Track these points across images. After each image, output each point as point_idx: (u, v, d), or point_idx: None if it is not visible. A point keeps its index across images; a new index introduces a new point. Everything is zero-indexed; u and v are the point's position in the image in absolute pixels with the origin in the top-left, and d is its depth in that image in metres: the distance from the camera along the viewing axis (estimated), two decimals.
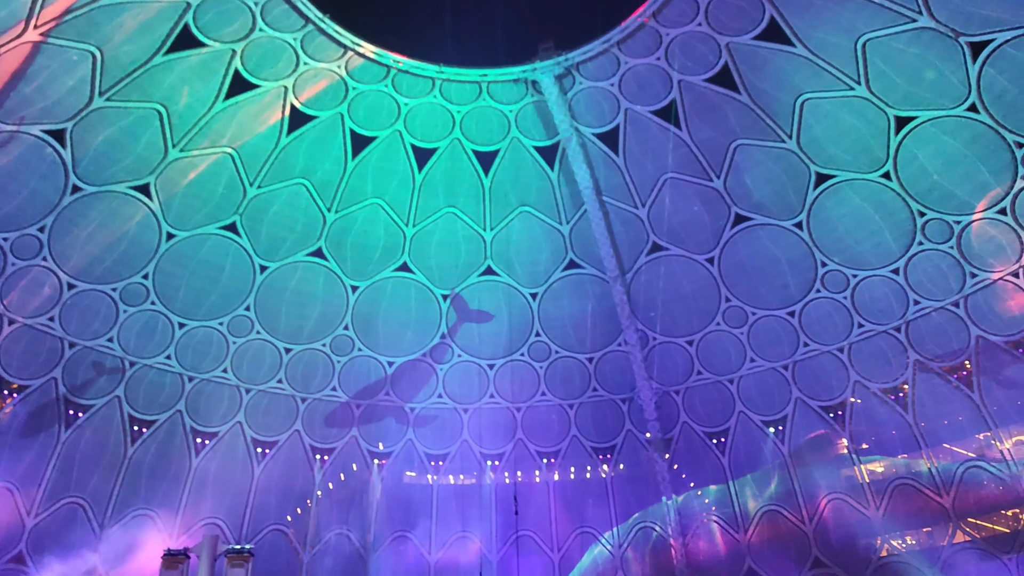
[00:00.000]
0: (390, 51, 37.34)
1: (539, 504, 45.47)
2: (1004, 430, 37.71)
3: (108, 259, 37.32)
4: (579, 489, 46.15)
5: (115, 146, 35.49)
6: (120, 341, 38.27)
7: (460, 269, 43.68)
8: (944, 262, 36.92)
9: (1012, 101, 31.56)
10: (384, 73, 38.29)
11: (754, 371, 43.24)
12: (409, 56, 37.67)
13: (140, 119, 35.51)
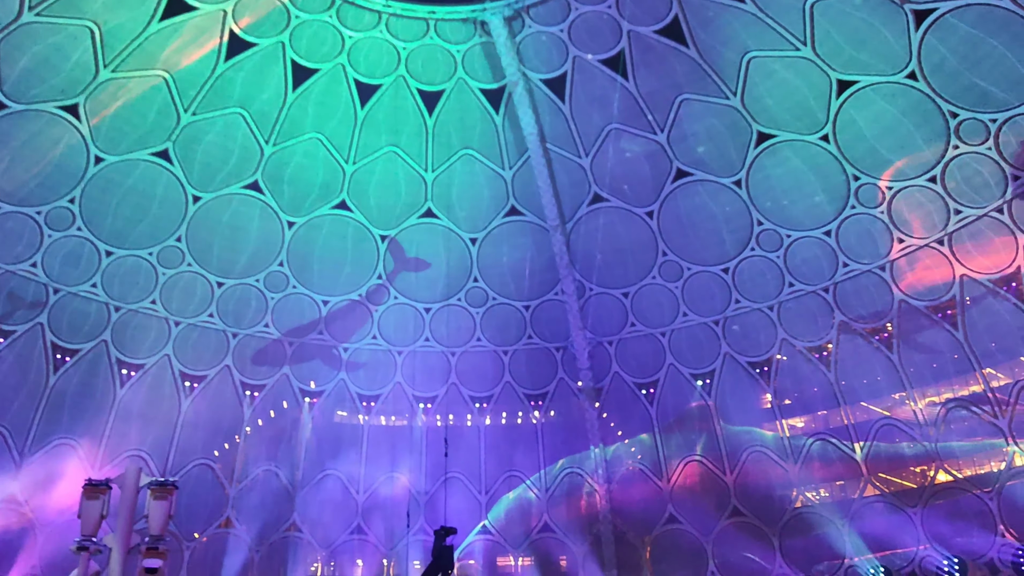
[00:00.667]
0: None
1: (469, 447, 45.95)
2: (918, 391, 39.27)
3: (33, 181, 35.91)
4: (509, 434, 46.76)
5: (44, 64, 33.90)
6: (44, 267, 37.05)
7: (400, 210, 43.17)
8: (874, 227, 37.86)
9: (950, 71, 32.16)
10: (328, 3, 37.13)
11: (686, 325, 44.03)
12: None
13: (71, 37, 33.90)
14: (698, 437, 44.79)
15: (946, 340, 37.85)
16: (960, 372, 37.96)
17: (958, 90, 32.43)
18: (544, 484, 46.05)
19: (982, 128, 32.70)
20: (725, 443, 44.11)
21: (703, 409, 44.45)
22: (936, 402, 38.96)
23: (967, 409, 37.85)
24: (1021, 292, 35.16)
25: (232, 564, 40.41)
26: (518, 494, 45.91)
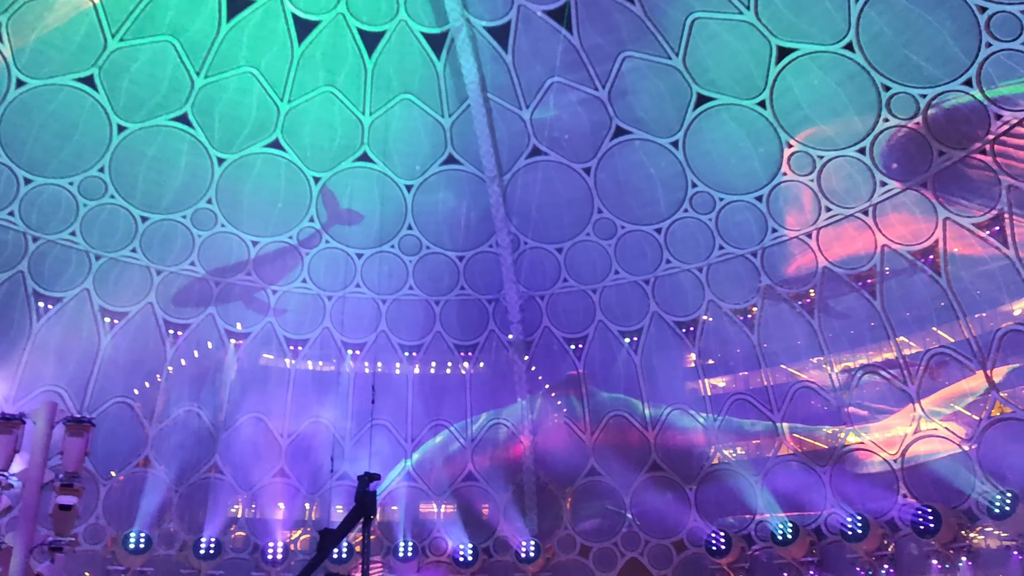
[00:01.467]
0: None
1: (397, 396, 46.01)
2: (835, 356, 40.66)
3: None
4: (438, 384, 46.92)
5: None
6: None
7: (335, 152, 42.27)
8: (804, 194, 38.63)
9: (886, 44, 32.71)
10: None
11: (617, 283, 44.54)
12: None
13: None
14: (623, 393, 45.68)
15: (864, 308, 39.14)
16: (875, 340, 39.38)
17: (892, 64, 33.05)
18: (470, 434, 46.47)
19: (912, 103, 33.46)
20: (648, 400, 45.11)
21: (629, 366, 45.27)
22: (851, 367, 40.41)
23: (879, 375, 39.39)
24: (937, 265, 36.44)
25: (150, 504, 39.87)
26: (443, 443, 46.28)
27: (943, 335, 37.45)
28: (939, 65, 31.90)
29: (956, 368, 36.92)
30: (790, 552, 39.46)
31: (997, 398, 35.61)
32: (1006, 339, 34.98)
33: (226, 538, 41.61)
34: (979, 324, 36.07)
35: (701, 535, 41.92)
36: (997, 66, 30.73)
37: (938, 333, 37.68)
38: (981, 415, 36.10)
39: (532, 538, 43.36)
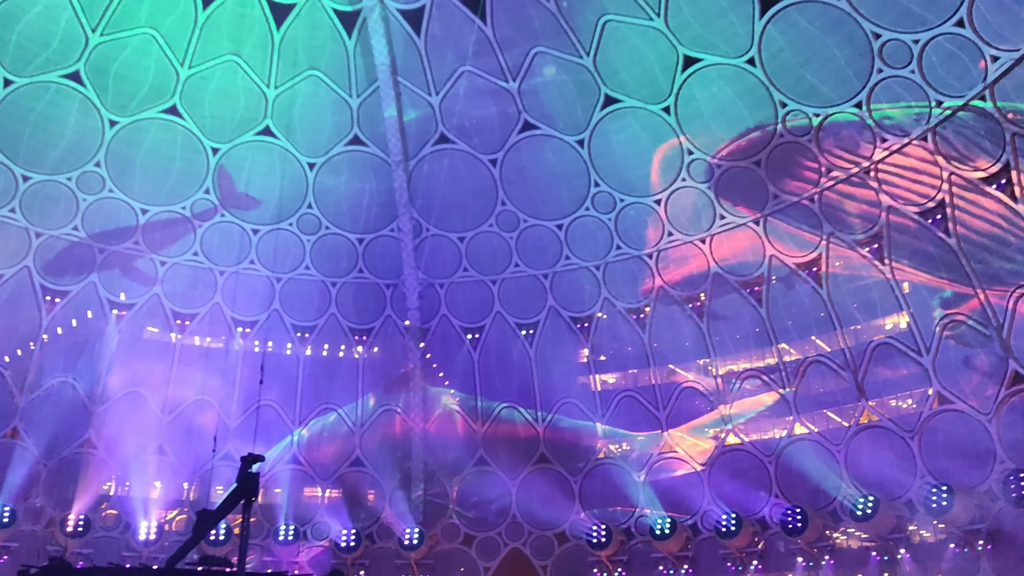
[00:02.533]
0: None
1: (286, 377, 45.17)
2: (720, 358, 42.09)
3: None
4: (330, 367, 46.25)
5: None
6: None
7: (236, 124, 40.95)
8: (701, 200, 39.75)
9: (786, 62, 33.90)
10: None
11: (516, 275, 44.86)
12: None
13: None
14: (516, 385, 46.08)
15: (751, 314, 40.63)
16: (759, 345, 40.98)
17: (790, 81, 34.29)
18: (360, 419, 46.03)
19: (805, 120, 34.82)
20: (540, 393, 45.68)
21: (523, 358, 45.70)
22: (735, 371, 41.92)
23: (760, 379, 41.01)
24: (819, 277, 38.11)
25: (16, 477, 37.98)
26: (332, 427, 45.68)
27: (821, 344, 39.26)
28: (833, 86, 33.27)
29: (830, 376, 38.78)
30: (667, 547, 40.68)
31: (866, 406, 37.59)
32: (877, 351, 36.93)
33: (96, 516, 40.03)
34: (854, 335, 37.96)
35: (583, 528, 42.73)
36: (886, 91, 32.27)
37: (816, 342, 39.48)
38: (850, 422, 38.06)
39: (416, 526, 43.31)
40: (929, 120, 31.56)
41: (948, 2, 28.80)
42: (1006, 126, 29.73)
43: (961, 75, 29.90)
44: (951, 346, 34.52)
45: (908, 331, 35.80)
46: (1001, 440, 32.71)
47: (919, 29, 29.93)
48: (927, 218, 33.68)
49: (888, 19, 30.46)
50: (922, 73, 30.71)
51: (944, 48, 29.72)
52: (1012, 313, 31.93)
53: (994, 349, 32.81)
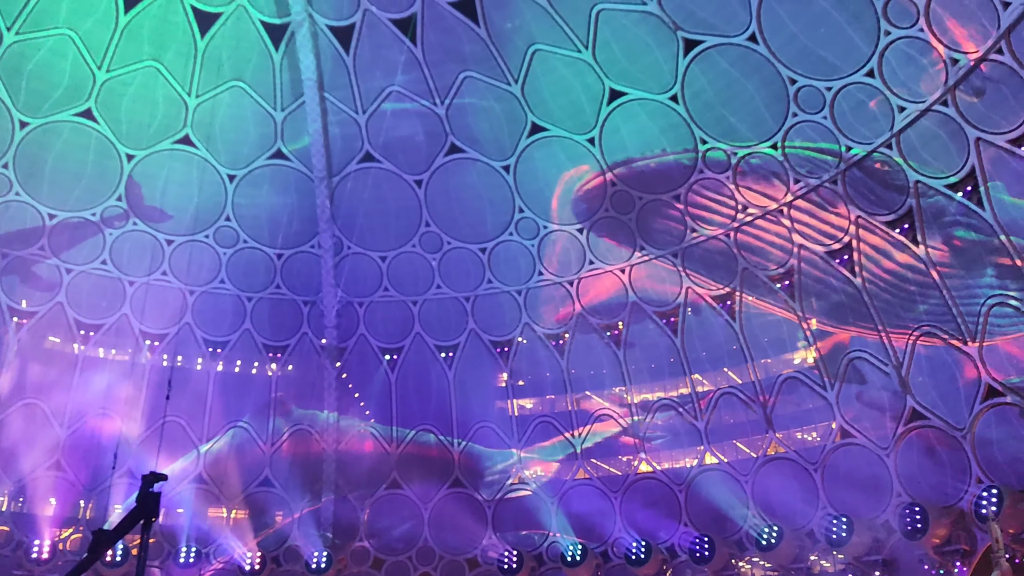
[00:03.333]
0: None
1: (196, 392, 43.92)
2: (636, 386, 42.70)
3: None
4: (242, 384, 45.18)
5: None
6: None
7: (154, 131, 39.85)
8: (621, 231, 40.38)
9: (707, 100, 34.85)
10: None
11: (438, 297, 44.73)
12: None
13: None
14: (433, 407, 45.80)
15: (666, 345, 41.39)
16: (673, 375, 41.74)
17: (710, 119, 35.24)
18: (271, 438, 45.02)
19: (724, 158, 35.83)
20: (458, 416, 45.51)
21: (441, 381, 45.47)
22: (649, 400, 42.58)
23: (674, 409, 41.73)
24: (733, 311, 39.11)
25: None
26: (240, 445, 44.50)
27: (732, 376, 40.22)
28: (751, 127, 34.35)
29: (740, 407, 39.74)
30: (577, 573, 40.82)
31: (773, 438, 38.62)
32: (785, 384, 38.05)
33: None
34: (764, 368, 39.03)
35: (494, 553, 42.55)
36: (800, 134, 33.47)
37: (728, 374, 40.43)
38: (758, 453, 39.04)
39: (325, 549, 42.40)
40: (839, 164, 32.83)
41: (860, 53, 30.06)
42: (909, 173, 31.14)
43: (870, 123, 31.22)
44: (855, 381, 35.81)
45: (815, 366, 37.01)
46: (898, 474, 34.06)
47: (832, 77, 31.18)
48: (835, 258, 34.96)
49: (804, 66, 31.64)
50: (833, 119, 31.97)
51: (855, 96, 31.01)
52: (911, 353, 33.32)
53: (893, 387, 34.16)
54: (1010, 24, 25.71)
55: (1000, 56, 26.56)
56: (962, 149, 29.05)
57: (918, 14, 27.64)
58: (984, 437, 31.46)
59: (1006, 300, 29.84)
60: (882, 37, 29.10)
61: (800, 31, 31.04)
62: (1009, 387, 30.52)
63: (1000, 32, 26.07)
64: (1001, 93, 27.50)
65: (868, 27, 29.20)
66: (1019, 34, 25.81)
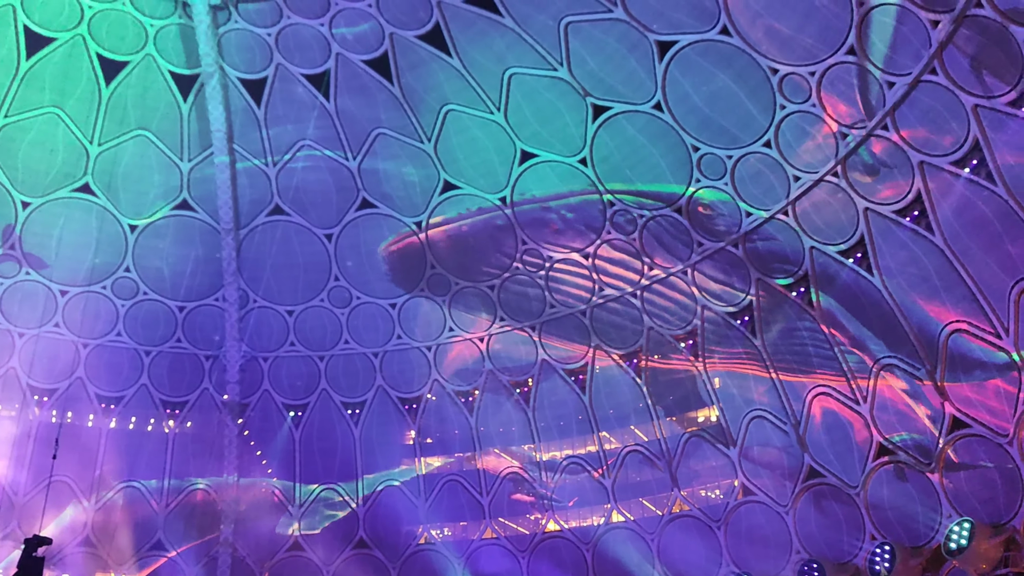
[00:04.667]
0: None
1: (86, 450, 41.94)
2: (545, 444, 42.80)
3: None
4: (136, 441, 43.37)
5: None
6: None
7: (52, 178, 38.47)
8: (531, 290, 40.78)
9: (614, 165, 35.77)
10: None
11: (345, 352, 44.10)
12: None
13: None
14: (338, 465, 44.84)
15: (574, 402, 41.75)
16: (581, 433, 42.03)
17: (618, 183, 36.19)
18: (165, 498, 43.16)
19: (632, 220, 36.81)
20: (362, 474, 44.64)
21: (347, 438, 44.62)
22: (557, 457, 42.71)
23: (581, 467, 41.94)
24: (639, 368, 39.82)
25: None
26: (133, 506, 42.47)
27: (639, 433, 40.78)
28: (656, 192, 35.47)
29: (647, 465, 40.23)
30: None
31: (678, 496, 39.18)
32: (689, 443, 38.78)
33: None
34: (669, 426, 39.72)
35: None
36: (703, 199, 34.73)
37: (635, 431, 40.97)
38: (663, 511, 39.49)
39: None
40: (740, 229, 34.14)
41: (758, 124, 31.55)
42: (804, 239, 32.64)
43: (767, 191, 32.68)
44: (755, 440, 36.79)
45: (718, 424, 37.89)
46: (797, 531, 34.98)
47: (732, 146, 32.59)
48: (736, 319, 36.13)
49: (706, 135, 32.97)
50: (734, 186, 33.33)
51: (754, 166, 32.45)
52: (808, 412, 34.52)
53: (791, 445, 35.24)
54: (895, 103, 27.48)
55: (886, 132, 28.31)
56: (852, 218, 30.68)
57: (811, 91, 29.27)
58: (877, 495, 32.71)
59: (895, 363, 31.30)
60: (778, 111, 30.66)
61: (702, 102, 32.38)
62: (897, 445, 31.89)
63: (885, 110, 27.84)
64: (887, 167, 29.27)
65: (765, 101, 30.72)
66: (903, 112, 27.59)
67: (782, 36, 29.02)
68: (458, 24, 34.55)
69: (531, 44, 33.86)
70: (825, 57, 28.18)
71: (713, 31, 30.12)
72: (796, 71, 29.15)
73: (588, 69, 33.78)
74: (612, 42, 32.60)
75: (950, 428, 30.13)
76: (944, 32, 24.70)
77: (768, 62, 29.62)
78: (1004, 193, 25.78)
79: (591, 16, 32.15)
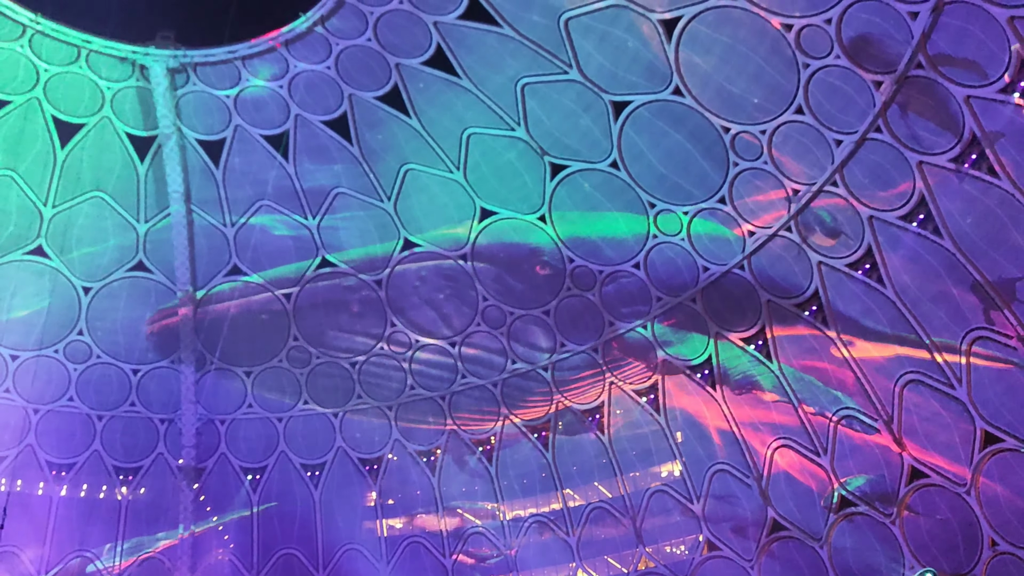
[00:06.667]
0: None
1: (36, 519, 40.56)
2: (508, 503, 42.27)
3: None
4: (88, 508, 42.00)
5: None
6: None
7: (4, 240, 37.87)
8: (494, 344, 40.71)
9: (572, 222, 36.25)
10: None
11: (304, 414, 43.43)
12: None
13: None
14: (296, 529, 43.83)
15: (537, 460, 41.43)
16: (545, 490, 41.63)
17: (577, 239, 36.62)
18: (119, 569, 41.71)
19: (592, 278, 37.14)
20: (323, 537, 43.64)
21: (307, 501, 43.71)
22: (521, 516, 42.19)
23: (546, 525, 41.46)
24: (602, 424, 39.76)
25: None
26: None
27: (603, 490, 40.50)
28: (614, 249, 35.93)
29: (611, 522, 39.92)
30: None
31: (643, 552, 38.85)
32: (654, 498, 38.62)
33: None
34: (632, 482, 39.54)
35: None
36: (660, 255, 35.20)
37: (599, 488, 40.70)
38: (629, 568, 39.10)
39: None
40: (697, 283, 34.62)
41: (712, 181, 32.27)
42: (761, 293, 33.20)
43: (723, 245, 33.27)
44: (718, 493, 36.77)
45: (681, 479, 37.82)
46: None
47: (687, 203, 33.23)
48: (696, 372, 36.40)
49: (661, 191, 33.61)
50: (691, 241, 33.88)
51: (708, 221, 33.08)
52: (770, 464, 34.68)
53: (754, 498, 35.29)
54: (843, 159, 28.34)
55: (835, 188, 29.12)
56: (807, 272, 31.33)
57: (762, 148, 30.07)
58: (839, 546, 32.79)
59: (854, 414, 31.72)
60: (731, 168, 31.39)
61: (658, 160, 33.08)
62: (858, 496, 32.13)
63: (834, 167, 28.68)
64: (837, 221, 30.05)
65: (718, 158, 31.47)
66: (851, 169, 28.44)
67: (732, 96, 29.91)
68: (416, 85, 35.05)
69: (489, 105, 34.44)
70: (774, 116, 29.08)
71: (666, 91, 30.92)
72: (747, 130, 30.00)
73: (545, 129, 34.39)
74: (568, 103, 33.34)
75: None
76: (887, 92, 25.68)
77: (720, 121, 30.43)
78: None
79: (547, 78, 32.89)
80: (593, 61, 31.81)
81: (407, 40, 33.66)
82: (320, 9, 33.26)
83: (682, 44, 29.58)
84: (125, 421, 42.14)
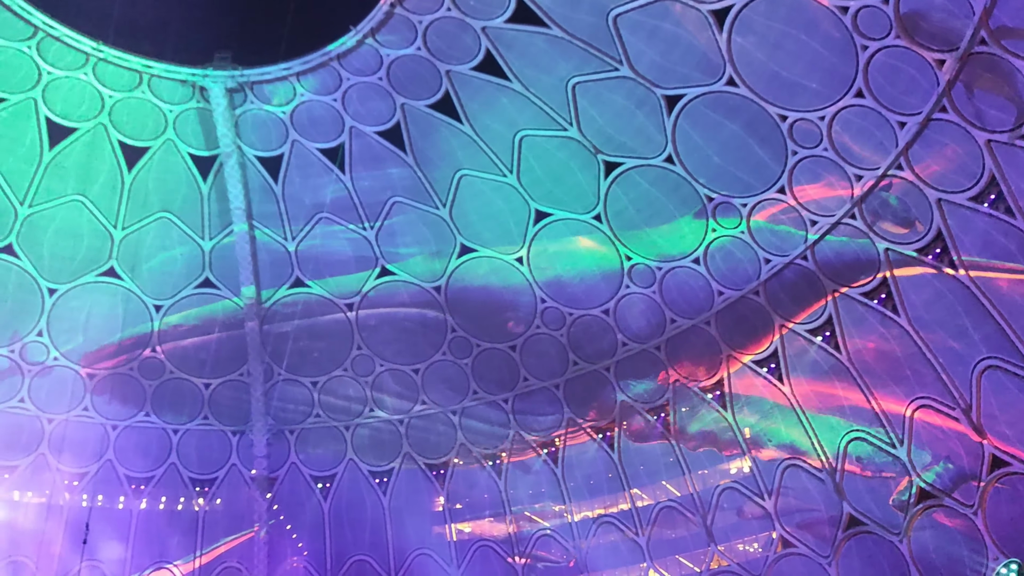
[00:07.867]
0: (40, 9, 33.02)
1: (118, 533, 41.75)
2: (576, 504, 42.10)
3: None
4: (167, 521, 43.09)
5: None
6: None
7: (77, 264, 39.15)
8: (554, 347, 40.63)
9: (629, 219, 35.99)
10: (29, 33, 33.66)
11: (370, 421, 43.93)
12: (67, 24, 33.60)
13: None
14: (368, 535, 44.32)
15: (604, 460, 41.18)
16: (612, 491, 41.34)
17: (633, 236, 36.36)
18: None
19: (650, 274, 36.83)
20: (394, 543, 44.04)
21: (376, 507, 44.19)
22: (590, 517, 41.97)
23: (614, 525, 41.19)
24: (668, 423, 39.32)
25: None
26: None
27: (671, 488, 40.07)
28: (672, 243, 35.57)
29: (681, 521, 39.46)
30: None
31: (715, 551, 38.30)
32: (723, 495, 38.06)
33: None
34: (701, 480, 39.03)
35: None
36: (719, 248, 34.76)
37: (667, 487, 40.27)
38: (701, 567, 38.58)
39: None
40: (759, 276, 34.08)
41: (770, 171, 31.74)
42: (826, 283, 32.59)
43: (784, 237, 32.74)
44: (791, 490, 36.06)
45: (751, 475, 37.19)
46: None
47: (746, 194, 32.73)
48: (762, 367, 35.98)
49: (719, 184, 33.18)
50: (751, 233, 33.38)
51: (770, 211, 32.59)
52: (843, 458, 33.94)
53: (829, 493, 34.51)
54: (907, 142, 27.59)
55: (901, 172, 28.36)
56: (872, 259, 30.63)
57: (821, 135, 29.47)
58: (920, 540, 31.89)
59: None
60: (790, 156, 30.83)
61: (714, 153, 32.68)
62: (937, 488, 31.20)
63: (899, 149, 27.94)
64: (904, 205, 29.27)
65: (777, 148, 30.93)
66: (916, 151, 27.68)
67: (788, 83, 29.39)
68: (467, 91, 35.26)
69: (540, 106, 34.45)
70: (833, 101, 28.48)
71: (719, 82, 30.54)
72: (805, 116, 29.44)
73: (597, 127, 34.25)
74: (620, 99, 33.16)
75: None
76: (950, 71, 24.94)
77: (776, 109, 29.93)
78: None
79: (597, 76, 32.77)
80: (644, 56, 31.62)
81: (456, 47, 33.87)
82: (370, 22, 33.70)
83: (734, 33, 29.21)
84: (199, 434, 43.18)
